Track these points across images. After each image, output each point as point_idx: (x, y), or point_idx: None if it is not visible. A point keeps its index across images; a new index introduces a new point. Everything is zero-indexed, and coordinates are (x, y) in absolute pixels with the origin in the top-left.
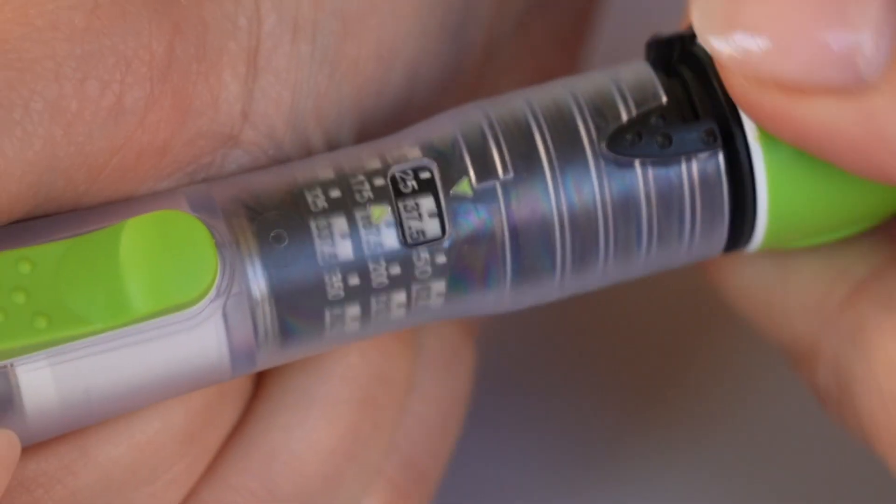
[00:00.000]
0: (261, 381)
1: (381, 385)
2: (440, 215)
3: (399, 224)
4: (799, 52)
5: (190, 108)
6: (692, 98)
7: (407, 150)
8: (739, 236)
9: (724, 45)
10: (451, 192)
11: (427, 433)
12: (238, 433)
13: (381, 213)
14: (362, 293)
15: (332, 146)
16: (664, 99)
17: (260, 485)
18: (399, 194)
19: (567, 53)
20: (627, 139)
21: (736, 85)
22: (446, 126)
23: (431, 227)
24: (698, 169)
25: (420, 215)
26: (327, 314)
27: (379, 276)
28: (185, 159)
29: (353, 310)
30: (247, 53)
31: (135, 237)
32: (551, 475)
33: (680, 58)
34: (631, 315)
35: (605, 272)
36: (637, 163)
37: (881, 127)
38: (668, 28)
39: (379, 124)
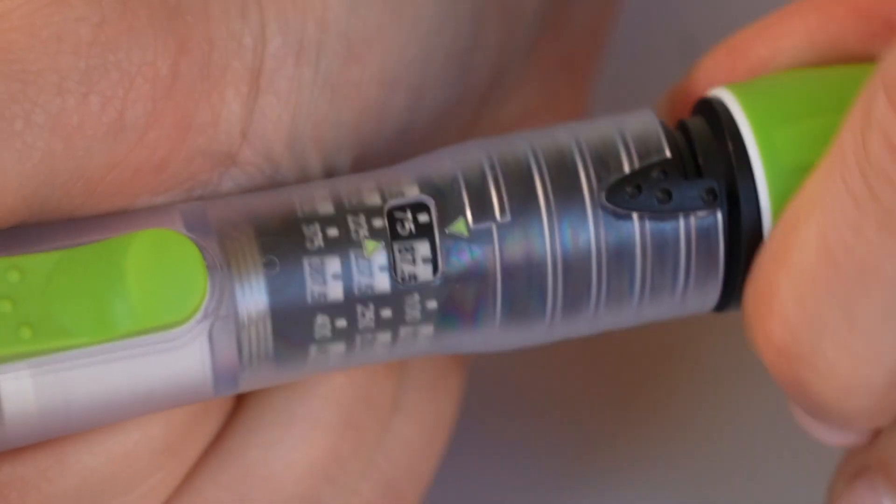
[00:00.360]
0: (242, 396)
1: (365, 407)
2: (433, 259)
3: (392, 267)
4: None
5: (190, 126)
6: (696, 154)
7: (405, 186)
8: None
9: None
10: (447, 230)
11: (409, 455)
12: (216, 447)
13: (374, 247)
14: (348, 333)
15: (329, 169)
16: (668, 153)
17: (235, 500)
18: (396, 237)
19: (576, 74)
20: (627, 192)
21: None
22: (447, 163)
23: (424, 270)
24: (696, 226)
25: (414, 259)
26: (312, 348)
27: (367, 318)
28: (183, 176)
29: (338, 347)
30: (250, 73)
31: (127, 254)
32: (540, 480)
33: (696, 109)
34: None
35: (595, 319)
36: (635, 216)
37: None
38: (675, 51)
39: (378, 150)
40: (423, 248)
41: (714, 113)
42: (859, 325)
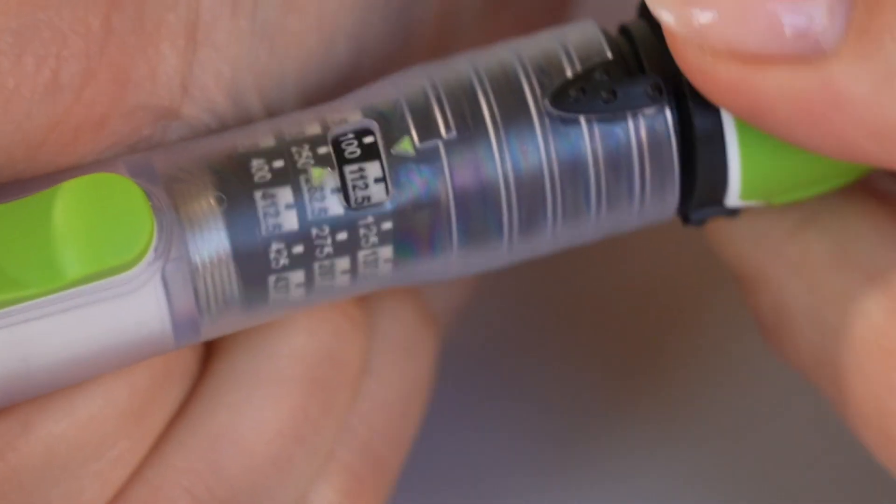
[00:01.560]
0: (207, 360)
1: (331, 365)
2: (384, 178)
3: (344, 190)
4: (754, 22)
5: (128, 81)
6: (639, 54)
7: (348, 114)
8: (712, 195)
9: (677, 17)
10: (392, 151)
11: (385, 418)
12: (183, 413)
13: (321, 174)
14: (306, 260)
15: None
16: (609, 55)
17: (205, 465)
18: (343, 160)
19: None
20: (571, 95)
21: (688, 58)
22: (388, 89)
23: (377, 191)
24: (646, 125)
25: (365, 181)
26: (271, 280)
27: (323, 242)
28: (125, 132)
29: (297, 276)
30: (185, 27)
31: (68, 200)
32: (531, 461)
33: (639, 13)
34: (616, 297)
35: (554, 234)
36: (582, 119)
37: (840, 93)
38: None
39: (323, 98)
40: (371, 168)
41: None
42: None
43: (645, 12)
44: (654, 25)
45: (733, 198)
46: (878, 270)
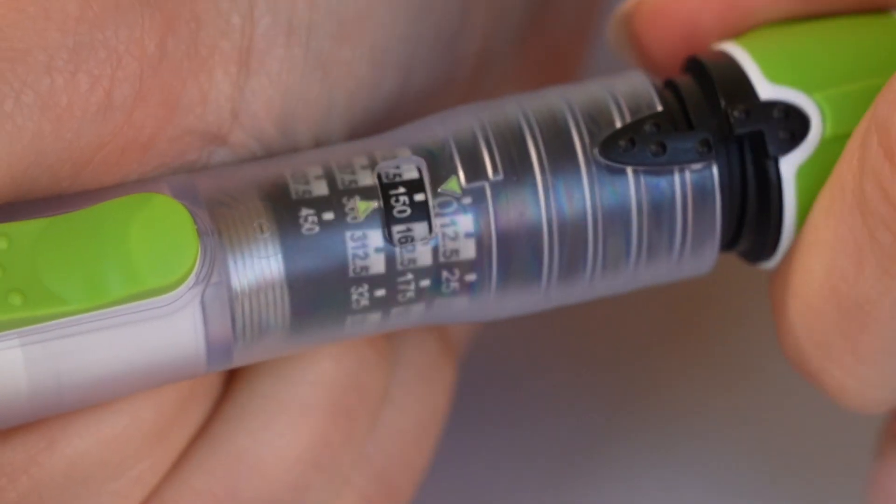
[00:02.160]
0: (231, 382)
1: (355, 393)
2: (427, 216)
3: (385, 224)
4: None
5: (178, 105)
6: (686, 108)
7: (397, 150)
8: (762, 250)
9: None
10: (440, 189)
11: (401, 446)
12: (204, 434)
13: (367, 208)
14: (344, 299)
15: None
16: (659, 107)
17: (223, 489)
18: (387, 193)
19: (565, 69)
20: (620, 146)
21: None
22: (437, 128)
23: (419, 227)
24: (692, 181)
25: (407, 216)
26: (314, 313)
27: (361, 275)
28: (171, 155)
29: (336, 312)
30: (239, 53)
31: (115, 218)
32: (536, 472)
33: (685, 67)
34: (624, 306)
35: (592, 282)
36: (629, 170)
37: None
38: None
39: (369, 128)
40: (415, 203)
41: (702, 69)
42: (863, 356)
43: (691, 66)
44: (700, 80)
45: (787, 234)
46: None
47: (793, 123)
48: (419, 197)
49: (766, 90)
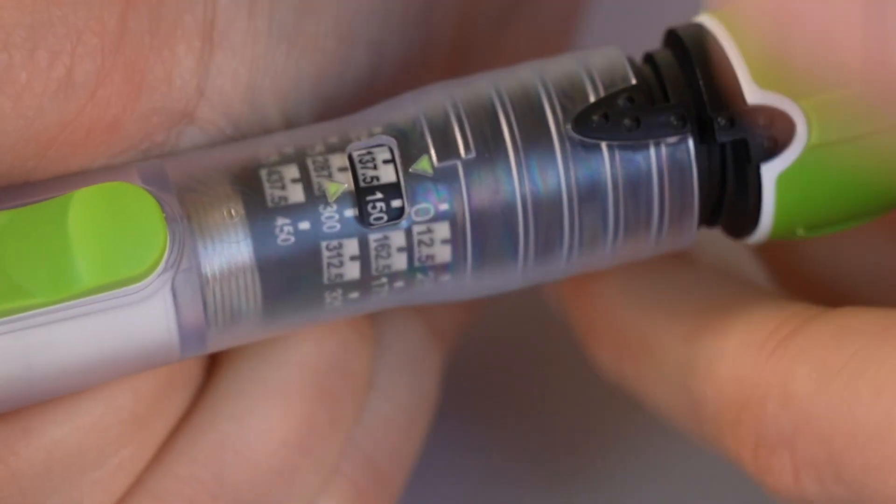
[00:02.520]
0: (212, 369)
1: (338, 376)
2: (400, 195)
3: (358, 205)
4: None
5: (143, 83)
6: (663, 82)
7: (368, 130)
8: (741, 232)
9: None
10: (411, 169)
11: (390, 434)
12: (187, 421)
13: (338, 189)
14: (317, 277)
15: (290, 126)
16: (633, 80)
17: (209, 475)
18: (358, 174)
19: (550, 54)
20: (594, 121)
21: None
22: (408, 106)
23: (391, 208)
24: (668, 154)
25: (379, 197)
26: (286, 296)
27: (334, 260)
28: (138, 136)
29: (312, 293)
30: (202, 28)
31: (82, 209)
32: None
33: (664, 42)
34: None
35: (569, 259)
36: (604, 146)
37: None
38: (653, 32)
39: (341, 105)
40: (386, 183)
41: (681, 42)
42: None
43: (670, 41)
44: (678, 54)
45: (762, 233)
46: None
47: (777, 130)
48: (391, 178)
49: (754, 95)
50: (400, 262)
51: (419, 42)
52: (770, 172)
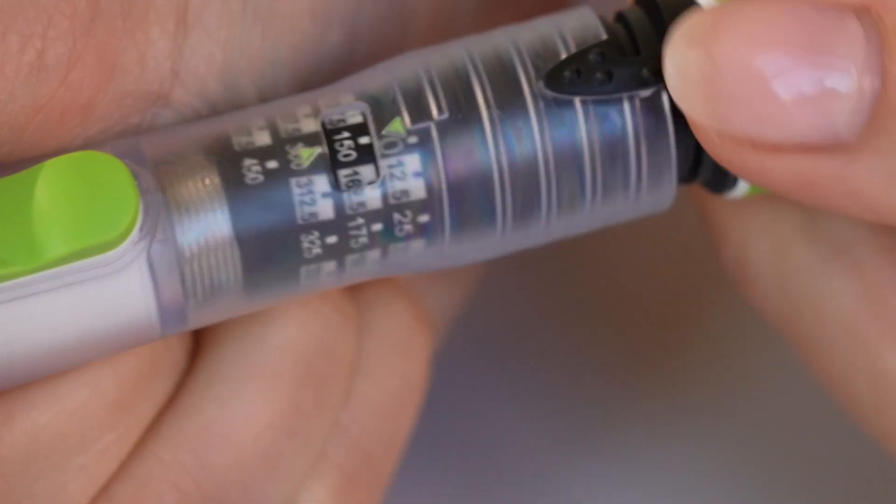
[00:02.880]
0: (197, 352)
1: (323, 358)
2: (373, 158)
3: (331, 169)
4: (776, 118)
5: (116, 65)
6: (635, 37)
7: (340, 97)
8: (723, 180)
9: (699, 112)
10: (384, 132)
11: (378, 418)
12: (172, 406)
13: (311, 154)
14: (296, 251)
15: None
16: (605, 37)
17: (193, 460)
18: (332, 138)
19: None
20: (566, 76)
21: (708, 142)
22: (381, 74)
23: (365, 170)
24: (642, 108)
25: (352, 159)
26: (265, 268)
27: (310, 222)
28: (112, 119)
29: (291, 264)
30: (175, 9)
31: (52, 177)
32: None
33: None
34: (624, 288)
35: (549, 221)
36: (577, 102)
37: (854, 184)
38: None
39: (317, 84)
40: (359, 145)
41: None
42: None
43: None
44: (649, 11)
45: (742, 188)
46: (845, 245)
47: None
48: (364, 140)
49: None
50: (377, 224)
51: (395, 20)
52: None
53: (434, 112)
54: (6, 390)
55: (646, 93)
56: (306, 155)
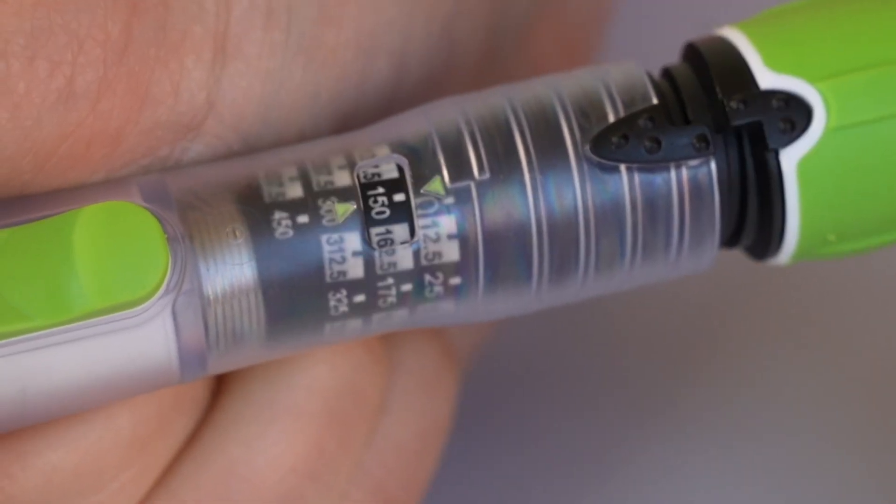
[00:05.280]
0: (219, 390)
1: (351, 400)
2: (409, 218)
3: (364, 226)
4: None
5: (147, 95)
6: (683, 100)
7: (376, 146)
8: (767, 247)
9: None
10: (423, 190)
11: (401, 459)
12: (192, 445)
13: (345, 210)
14: (322, 304)
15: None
16: (654, 100)
17: (213, 501)
18: (366, 194)
19: (574, 63)
20: (613, 142)
21: None
22: (420, 122)
23: (399, 229)
24: (689, 177)
25: (386, 217)
26: (288, 320)
27: (339, 280)
28: (141, 150)
29: (316, 317)
30: (213, 39)
31: (80, 229)
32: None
33: (683, 56)
34: (635, 315)
35: (585, 283)
36: (623, 168)
37: None
38: (677, 38)
39: (360, 121)
40: (396, 204)
41: (700, 57)
42: None
43: (689, 55)
44: (697, 70)
45: (789, 243)
46: None
47: (794, 114)
48: (399, 197)
49: (766, 79)
50: (407, 285)
51: (444, 54)
52: (790, 160)
53: (475, 170)
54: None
55: (694, 162)
56: (341, 211)
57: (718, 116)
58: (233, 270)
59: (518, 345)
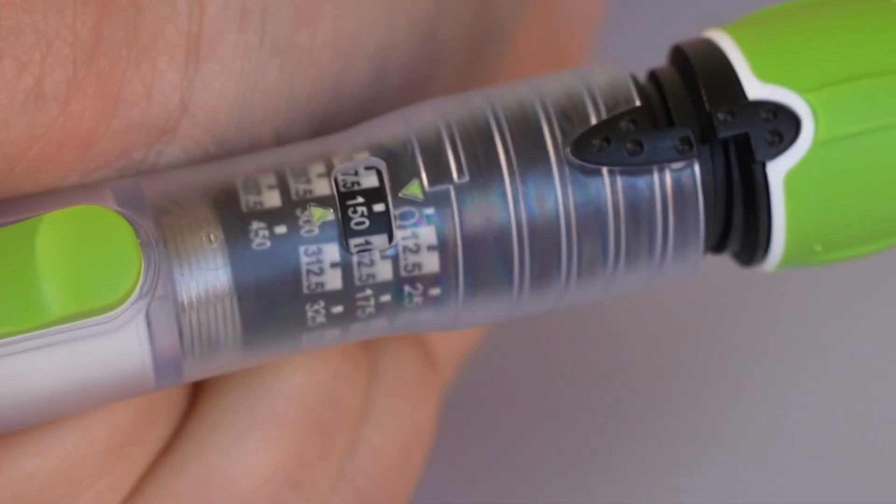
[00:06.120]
0: (196, 397)
1: (330, 407)
2: (388, 227)
3: (342, 233)
4: None
5: (119, 97)
6: (667, 103)
7: (354, 149)
8: (752, 255)
9: None
10: (401, 194)
11: (383, 468)
12: (170, 453)
13: (322, 216)
14: (299, 310)
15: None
16: (637, 102)
17: None
18: (344, 200)
19: (562, 64)
20: (595, 145)
21: None
22: (399, 125)
23: (378, 240)
24: (672, 180)
25: (365, 228)
26: (267, 325)
27: (316, 292)
28: (114, 154)
29: (292, 324)
30: (186, 40)
31: (51, 233)
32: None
33: (670, 60)
34: (632, 317)
35: (567, 289)
36: (605, 171)
37: None
38: (671, 40)
39: (339, 124)
40: (373, 208)
41: (687, 61)
42: None
43: (675, 59)
44: (684, 73)
45: (775, 252)
46: None
47: (782, 125)
48: (379, 207)
49: (754, 89)
50: (385, 295)
51: (426, 56)
52: (777, 172)
53: (454, 174)
54: None
55: (677, 165)
56: (318, 216)
57: (705, 125)
58: (207, 276)
59: (513, 347)
